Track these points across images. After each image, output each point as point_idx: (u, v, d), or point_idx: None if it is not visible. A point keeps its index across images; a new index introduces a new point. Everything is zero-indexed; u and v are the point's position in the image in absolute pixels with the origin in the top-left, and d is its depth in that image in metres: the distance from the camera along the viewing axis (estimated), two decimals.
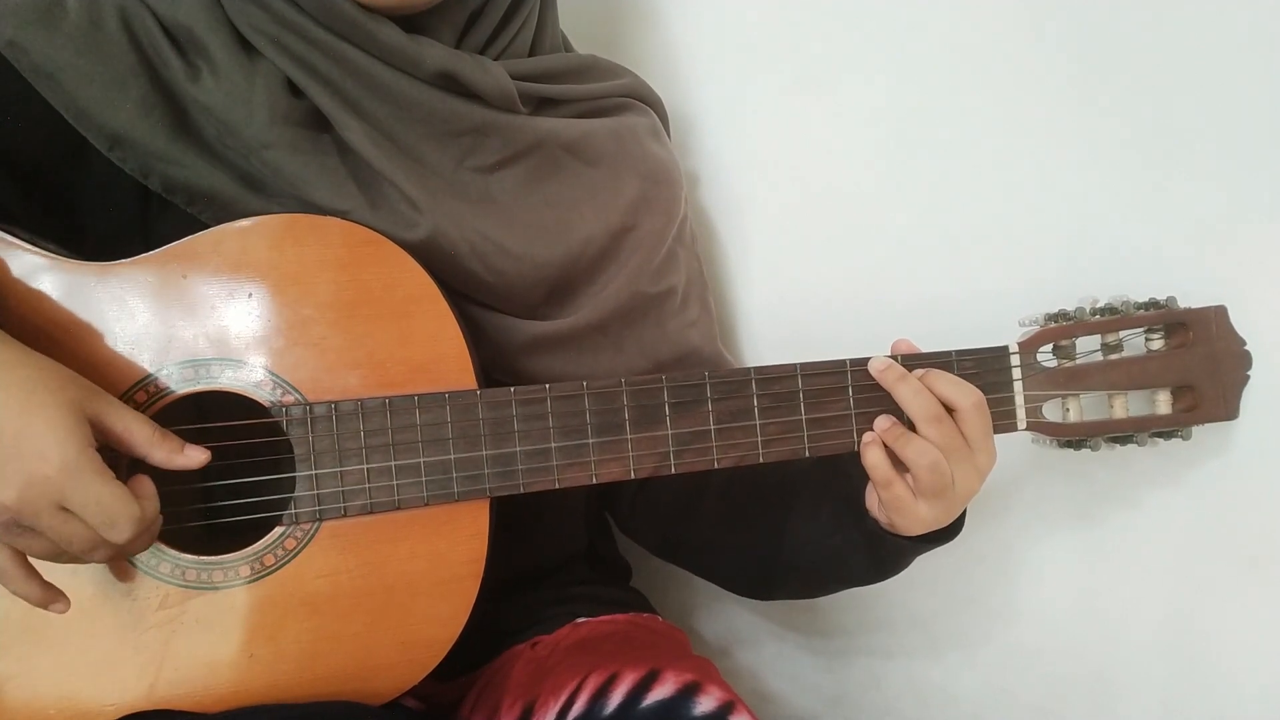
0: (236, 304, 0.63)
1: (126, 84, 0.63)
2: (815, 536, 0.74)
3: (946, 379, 0.67)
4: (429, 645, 0.65)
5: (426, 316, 0.65)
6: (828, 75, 0.89)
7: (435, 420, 0.64)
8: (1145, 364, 0.72)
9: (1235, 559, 0.80)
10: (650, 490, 0.83)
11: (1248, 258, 0.76)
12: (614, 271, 0.75)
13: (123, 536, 0.55)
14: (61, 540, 0.55)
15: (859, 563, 0.73)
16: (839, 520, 0.73)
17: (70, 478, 0.53)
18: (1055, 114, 0.81)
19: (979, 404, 0.67)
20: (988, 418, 0.67)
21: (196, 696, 0.62)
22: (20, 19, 0.61)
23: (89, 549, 0.55)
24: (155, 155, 0.63)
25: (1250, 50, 0.74)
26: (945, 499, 0.66)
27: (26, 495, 0.53)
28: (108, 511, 0.54)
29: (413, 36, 0.67)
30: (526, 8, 0.73)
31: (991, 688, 0.93)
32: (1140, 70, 0.78)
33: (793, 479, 0.77)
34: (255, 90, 0.64)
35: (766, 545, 0.77)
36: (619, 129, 0.77)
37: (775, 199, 0.93)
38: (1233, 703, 0.81)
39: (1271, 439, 0.76)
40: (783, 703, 1.02)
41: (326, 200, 0.65)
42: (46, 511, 0.53)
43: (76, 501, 0.54)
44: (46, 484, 0.53)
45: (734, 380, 0.68)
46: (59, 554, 0.56)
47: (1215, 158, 0.77)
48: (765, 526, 0.77)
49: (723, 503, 0.80)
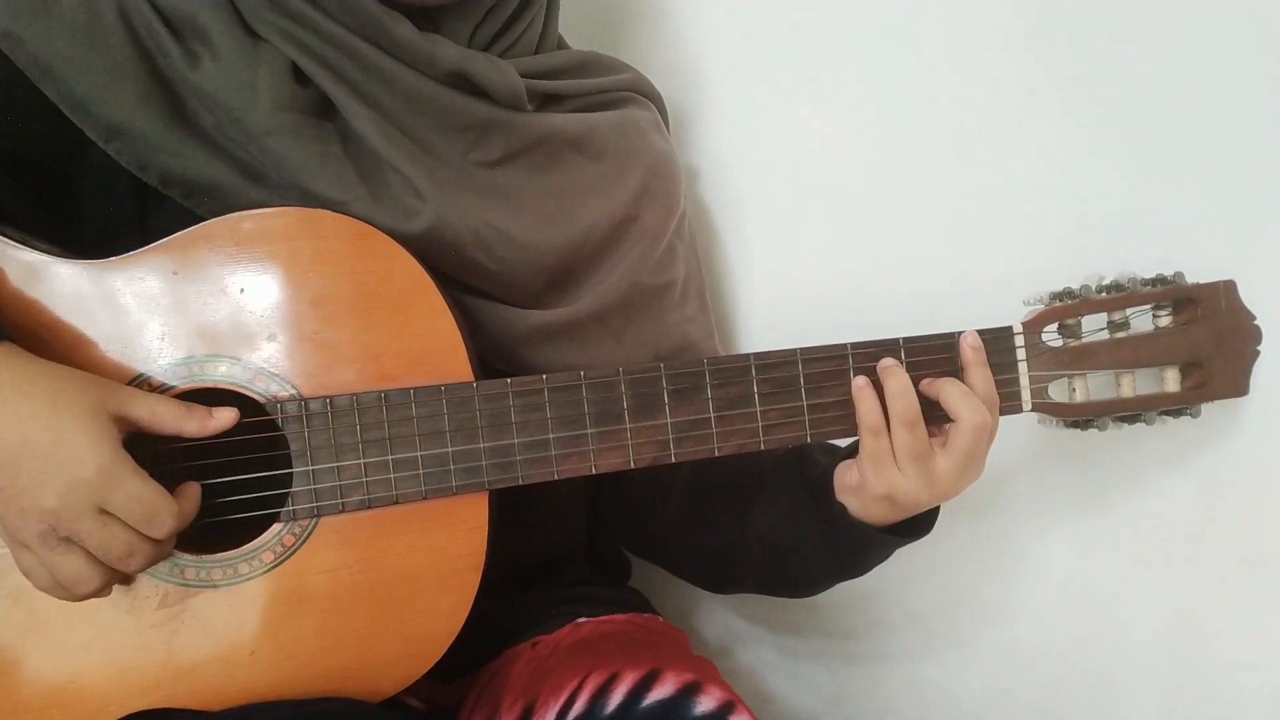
0: (229, 299, 0.62)
1: (124, 74, 0.62)
2: (774, 525, 0.73)
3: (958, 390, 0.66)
4: (430, 639, 0.65)
5: (421, 309, 0.65)
6: (825, 67, 0.88)
7: (432, 413, 0.64)
8: (1153, 341, 0.71)
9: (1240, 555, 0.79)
10: (621, 486, 0.82)
11: (1257, 231, 0.75)
12: (615, 261, 0.75)
13: (163, 531, 0.56)
14: (100, 546, 0.55)
15: (818, 551, 0.71)
16: (799, 509, 0.71)
17: (108, 479, 0.54)
18: (1058, 90, 0.80)
19: (980, 426, 0.65)
20: (984, 440, 0.65)
21: (197, 694, 0.62)
22: (15, 10, 0.61)
23: (127, 553, 0.56)
24: (153, 146, 0.63)
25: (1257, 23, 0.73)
26: (925, 468, 0.64)
27: (67, 499, 0.54)
28: (149, 507, 0.55)
29: (426, 35, 0.66)
30: (535, 6, 0.73)
31: (991, 687, 0.92)
32: (1145, 43, 0.77)
33: (759, 471, 0.76)
34: (259, 75, 0.64)
35: (728, 537, 0.76)
36: (622, 121, 0.77)
37: (775, 191, 0.92)
38: (1234, 703, 0.80)
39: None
40: (783, 702, 1.02)
41: (327, 190, 0.64)
42: (87, 515, 0.54)
43: (117, 501, 0.55)
44: (86, 488, 0.54)
45: (733, 367, 0.67)
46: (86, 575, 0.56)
47: (1222, 131, 0.76)
48: (727, 518, 0.76)
49: (688, 496, 0.79)
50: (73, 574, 0.56)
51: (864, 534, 0.68)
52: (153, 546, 0.57)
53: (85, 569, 0.56)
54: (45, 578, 0.56)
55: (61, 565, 0.56)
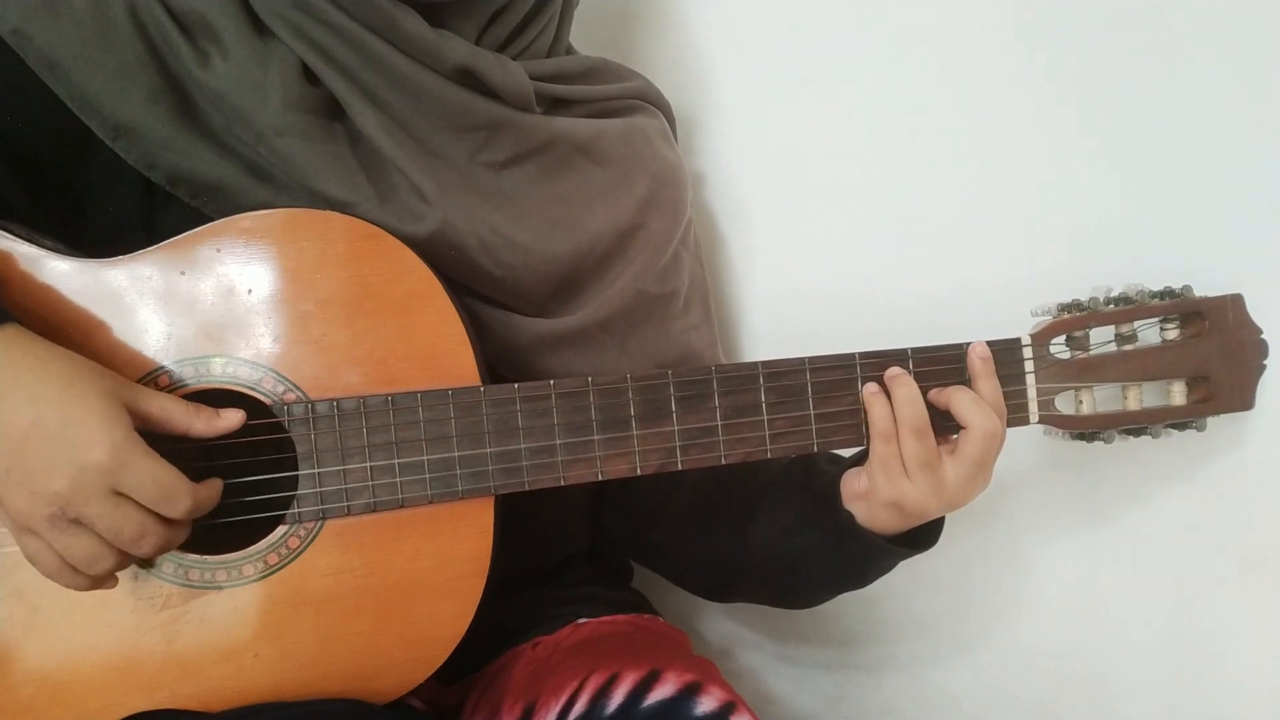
0: (236, 300, 0.62)
1: (134, 73, 0.62)
2: (779, 535, 0.72)
3: (968, 398, 0.66)
4: (434, 643, 0.64)
5: (429, 312, 0.64)
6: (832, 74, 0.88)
7: (439, 417, 0.63)
8: (1160, 354, 0.71)
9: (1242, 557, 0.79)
10: (625, 492, 0.81)
11: (1265, 245, 0.75)
12: (620, 269, 0.75)
13: (179, 510, 0.56)
14: (113, 529, 0.55)
15: (823, 561, 0.70)
16: (805, 517, 0.71)
17: (122, 460, 0.54)
18: (1065, 101, 0.80)
19: (991, 433, 0.65)
20: (994, 449, 0.66)
21: (201, 696, 0.62)
22: (26, 7, 0.61)
23: (139, 534, 0.55)
24: (161, 145, 0.63)
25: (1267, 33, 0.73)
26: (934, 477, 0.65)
27: (79, 481, 0.53)
28: (164, 486, 0.55)
29: (436, 30, 0.66)
30: (550, 11, 0.73)
31: (992, 688, 0.92)
32: (1157, 53, 0.76)
33: (763, 478, 0.75)
34: (269, 75, 0.63)
35: (731, 546, 0.75)
36: (629, 130, 0.77)
37: (781, 198, 0.92)
38: (1234, 705, 0.81)
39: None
40: (784, 703, 1.02)
41: (335, 191, 0.64)
42: (97, 498, 0.54)
43: (131, 482, 0.54)
44: (98, 469, 0.53)
45: (741, 375, 0.67)
46: (98, 554, 0.55)
47: (1233, 143, 0.75)
48: (731, 527, 0.75)
49: (690, 504, 0.78)
50: (85, 554, 0.55)
51: (871, 542, 0.67)
52: (166, 528, 0.56)
53: (97, 548, 0.55)
54: (52, 562, 0.56)
55: (73, 546, 0.55)
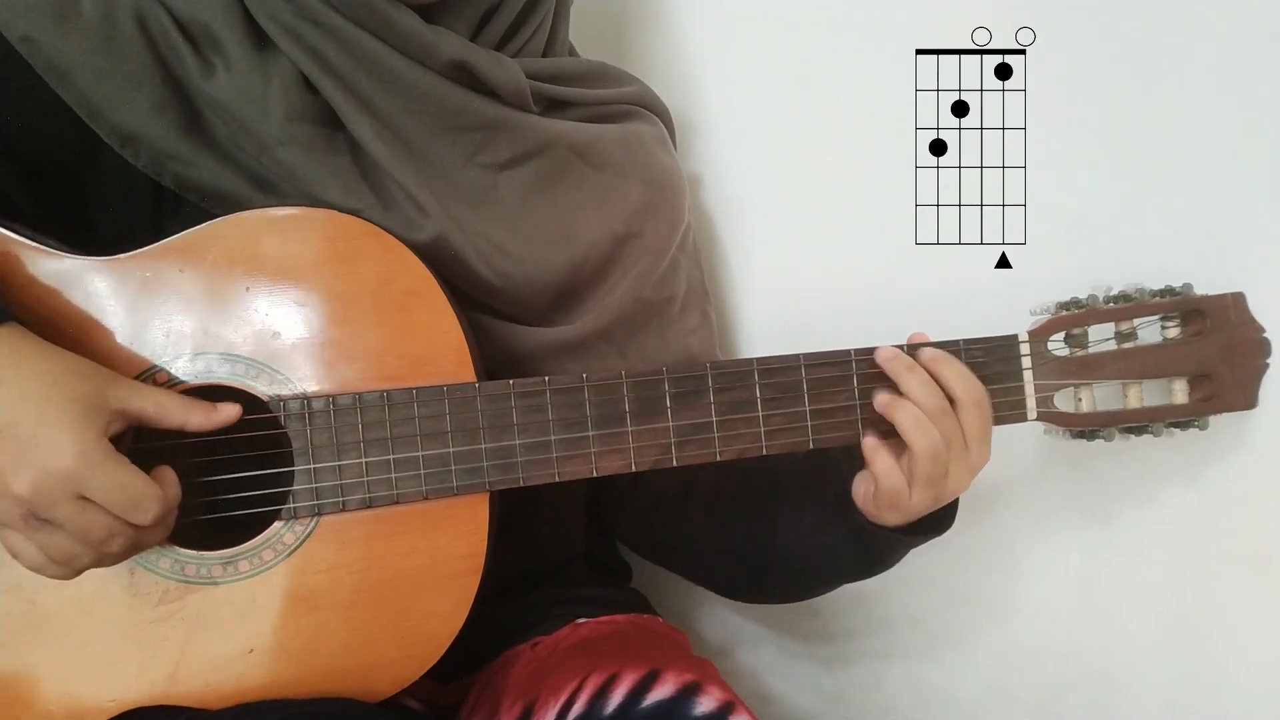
0: (233, 298, 0.62)
1: (140, 82, 0.63)
2: (804, 534, 0.73)
3: (955, 367, 0.66)
4: (429, 641, 0.64)
5: (424, 310, 0.65)
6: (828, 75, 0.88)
7: (433, 413, 0.64)
8: (1161, 352, 0.70)
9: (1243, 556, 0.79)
10: (637, 492, 0.81)
11: (1267, 243, 0.74)
12: (618, 277, 0.75)
13: (147, 517, 0.56)
14: (79, 531, 0.55)
15: (849, 558, 0.72)
16: (827, 516, 0.72)
17: (88, 466, 0.54)
18: (1065, 98, 0.79)
19: (979, 401, 0.65)
20: (988, 417, 0.66)
21: (196, 692, 0.62)
22: (35, 15, 0.61)
23: (107, 537, 0.55)
24: (167, 154, 0.63)
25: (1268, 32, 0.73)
26: (936, 489, 0.65)
27: (41, 487, 0.53)
28: (131, 494, 0.55)
29: (430, 26, 0.66)
30: (543, 9, 0.73)
31: (992, 688, 0.92)
32: (1157, 52, 0.76)
33: (781, 477, 0.76)
34: (271, 87, 0.64)
35: (756, 545, 0.76)
36: (626, 135, 0.77)
37: (777, 198, 0.92)
38: (1235, 704, 0.80)
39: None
40: (783, 703, 1.02)
41: (338, 200, 0.64)
42: (63, 502, 0.54)
43: (97, 488, 0.54)
44: (61, 474, 0.53)
45: (736, 371, 0.67)
46: (75, 552, 0.56)
47: (1233, 142, 0.75)
48: (754, 526, 0.76)
49: (710, 503, 0.79)
50: (61, 552, 0.56)
51: (893, 540, 0.69)
52: (135, 531, 0.56)
53: (73, 546, 0.56)
54: (34, 557, 0.56)
55: (50, 544, 0.55)
